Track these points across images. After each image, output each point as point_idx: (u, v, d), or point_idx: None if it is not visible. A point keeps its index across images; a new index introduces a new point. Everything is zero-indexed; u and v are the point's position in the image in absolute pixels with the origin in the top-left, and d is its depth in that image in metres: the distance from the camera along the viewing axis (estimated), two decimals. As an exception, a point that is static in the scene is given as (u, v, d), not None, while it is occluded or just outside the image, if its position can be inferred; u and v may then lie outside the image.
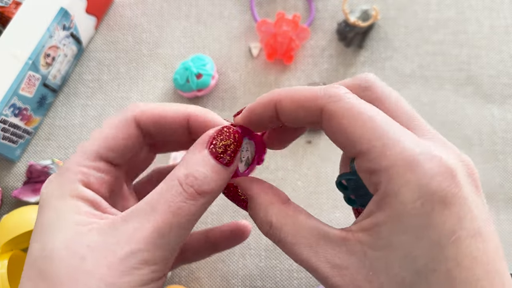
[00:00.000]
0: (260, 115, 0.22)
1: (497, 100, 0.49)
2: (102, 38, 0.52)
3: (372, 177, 0.18)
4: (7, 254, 0.40)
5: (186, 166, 0.20)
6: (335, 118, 0.19)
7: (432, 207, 0.17)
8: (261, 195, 0.22)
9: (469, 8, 0.53)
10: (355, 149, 0.19)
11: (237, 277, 0.43)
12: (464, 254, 0.17)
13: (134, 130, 0.22)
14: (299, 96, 0.21)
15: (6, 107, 0.41)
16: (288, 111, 0.21)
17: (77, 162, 0.21)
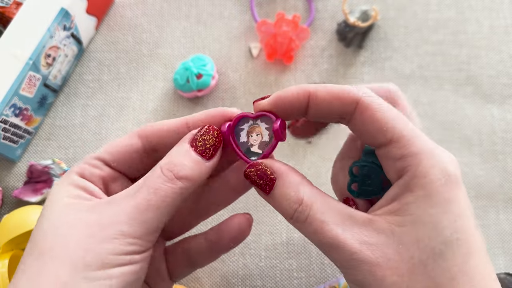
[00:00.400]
0: (289, 104, 0.24)
1: (496, 100, 0.49)
2: (102, 39, 0.52)
3: (400, 162, 0.22)
4: (8, 253, 0.40)
5: (168, 156, 0.23)
6: (369, 110, 0.22)
7: (451, 186, 0.21)
8: (291, 173, 0.23)
9: (469, 8, 0.53)
10: (385, 137, 0.22)
11: (237, 277, 0.43)
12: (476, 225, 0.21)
13: (135, 140, 0.25)
14: (336, 89, 0.23)
15: (6, 107, 0.41)
16: (323, 102, 0.23)
17: (83, 160, 0.25)
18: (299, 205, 0.22)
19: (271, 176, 0.23)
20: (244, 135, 0.25)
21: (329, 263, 0.43)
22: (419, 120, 0.25)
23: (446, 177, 0.21)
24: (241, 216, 0.28)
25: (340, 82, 0.50)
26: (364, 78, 0.50)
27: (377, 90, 0.26)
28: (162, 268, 0.28)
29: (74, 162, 0.47)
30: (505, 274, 0.40)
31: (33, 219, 0.41)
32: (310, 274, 0.43)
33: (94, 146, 0.48)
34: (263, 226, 0.45)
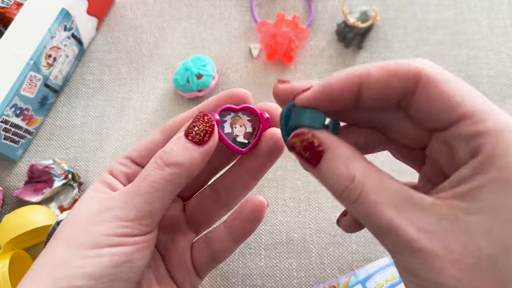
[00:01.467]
0: (338, 94, 0.21)
1: (496, 100, 0.49)
2: (103, 39, 0.52)
3: (473, 141, 0.18)
4: (9, 253, 0.40)
5: (165, 148, 0.24)
6: (435, 83, 0.19)
7: None
8: (341, 146, 0.20)
9: (468, 8, 0.53)
10: (456, 113, 0.19)
11: (237, 276, 0.43)
12: None
13: (158, 135, 0.27)
14: (391, 65, 0.20)
15: (7, 107, 0.41)
16: (379, 83, 0.20)
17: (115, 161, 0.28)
18: (350, 182, 0.19)
19: (318, 149, 0.20)
20: (228, 126, 0.26)
21: (328, 263, 0.43)
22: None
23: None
24: (254, 198, 0.28)
25: (339, 83, 0.50)
26: (364, 78, 0.50)
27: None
28: (187, 261, 0.29)
29: (75, 162, 0.47)
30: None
31: (33, 219, 0.41)
32: (310, 274, 0.43)
33: (95, 146, 0.48)
34: (263, 226, 0.45)
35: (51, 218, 0.42)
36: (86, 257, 0.22)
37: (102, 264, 0.22)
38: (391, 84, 0.20)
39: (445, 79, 0.19)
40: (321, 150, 0.20)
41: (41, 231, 0.43)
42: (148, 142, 0.27)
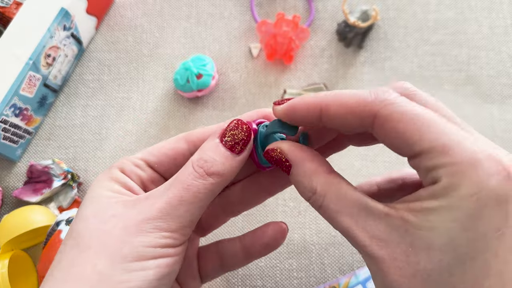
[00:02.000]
0: (302, 115, 0.23)
1: (496, 100, 0.49)
2: (102, 39, 0.52)
3: (431, 173, 0.20)
4: (8, 254, 0.40)
5: (199, 152, 0.24)
6: (390, 122, 0.20)
7: (485, 203, 0.18)
8: (306, 162, 0.23)
9: (468, 8, 0.53)
10: (413, 150, 0.20)
11: (237, 276, 0.43)
12: (504, 248, 0.18)
13: (182, 144, 0.26)
14: (349, 101, 0.21)
15: (6, 107, 0.41)
16: (336, 117, 0.22)
17: (125, 157, 0.26)
18: (313, 194, 0.22)
19: (286, 163, 0.23)
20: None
21: (329, 263, 0.43)
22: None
23: (483, 193, 0.18)
24: (276, 224, 0.28)
25: (340, 82, 0.50)
26: (364, 78, 0.50)
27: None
28: (193, 266, 0.29)
29: (74, 162, 0.47)
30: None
31: (33, 219, 0.41)
32: (310, 274, 0.43)
33: (95, 146, 0.48)
34: (263, 226, 0.45)
35: (51, 218, 0.42)
36: (130, 271, 0.21)
37: (148, 278, 0.21)
38: (348, 120, 0.21)
39: (401, 118, 0.20)
40: (289, 165, 0.23)
41: (40, 231, 0.43)
42: (169, 149, 0.26)
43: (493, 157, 0.19)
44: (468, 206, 0.19)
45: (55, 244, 0.39)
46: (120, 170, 0.25)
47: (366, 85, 0.50)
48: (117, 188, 0.24)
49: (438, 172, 0.19)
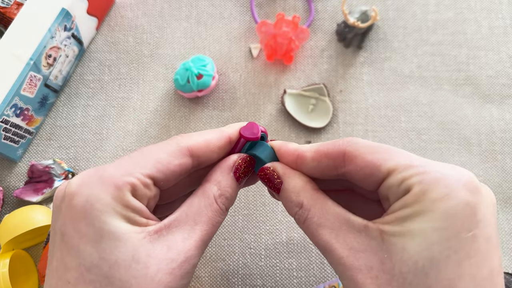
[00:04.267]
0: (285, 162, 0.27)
1: (495, 100, 0.49)
2: (103, 39, 0.52)
3: (402, 186, 0.21)
4: (9, 253, 0.40)
5: (219, 186, 0.25)
6: (358, 155, 0.23)
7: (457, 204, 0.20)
8: (295, 179, 0.25)
9: (468, 9, 0.53)
10: (382, 172, 0.22)
11: (237, 276, 0.43)
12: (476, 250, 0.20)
13: (187, 159, 0.25)
14: (323, 147, 0.25)
15: (7, 107, 0.41)
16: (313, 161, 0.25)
17: (128, 171, 0.23)
18: (299, 209, 0.24)
19: (277, 180, 0.26)
20: None
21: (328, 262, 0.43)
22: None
23: (451, 195, 0.20)
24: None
25: (339, 82, 0.50)
26: (364, 78, 0.50)
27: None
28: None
29: (75, 162, 0.47)
30: (505, 274, 0.40)
31: (34, 219, 0.41)
32: (310, 274, 0.43)
33: (95, 146, 0.48)
34: (263, 226, 0.45)
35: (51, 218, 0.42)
36: None
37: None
38: (323, 163, 0.25)
39: (365, 151, 0.23)
40: (280, 182, 0.25)
41: (41, 231, 0.43)
42: (176, 165, 0.24)
43: (458, 170, 0.21)
44: (440, 207, 0.20)
45: (56, 244, 0.39)
46: (132, 194, 0.22)
47: (366, 85, 0.50)
48: (136, 219, 0.22)
49: (408, 182, 0.21)
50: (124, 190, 0.22)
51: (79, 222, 0.21)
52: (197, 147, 0.25)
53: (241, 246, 0.44)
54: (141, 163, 0.23)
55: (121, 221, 0.22)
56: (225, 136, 0.26)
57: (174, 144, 0.24)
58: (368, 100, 0.50)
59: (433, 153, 0.48)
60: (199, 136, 0.26)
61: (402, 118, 0.49)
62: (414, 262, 0.20)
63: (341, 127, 0.49)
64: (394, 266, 0.20)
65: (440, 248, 0.19)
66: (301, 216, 0.24)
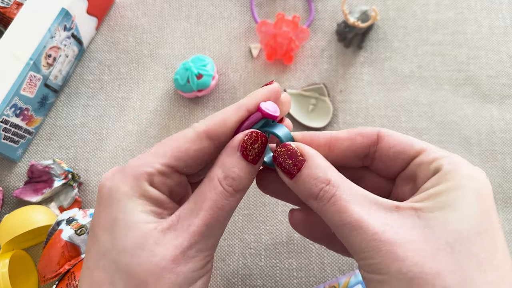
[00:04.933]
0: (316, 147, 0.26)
1: (496, 100, 0.49)
2: (103, 39, 0.52)
3: (433, 165, 0.23)
4: (8, 253, 0.40)
5: (223, 168, 0.24)
6: (391, 135, 0.25)
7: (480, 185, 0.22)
8: (320, 157, 0.24)
9: (468, 8, 0.53)
10: (414, 149, 0.24)
11: (237, 276, 0.43)
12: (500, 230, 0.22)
13: (207, 143, 0.24)
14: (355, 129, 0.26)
15: (7, 107, 0.41)
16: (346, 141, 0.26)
17: (147, 162, 0.24)
18: (326, 185, 0.23)
19: (300, 158, 0.24)
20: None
21: (329, 263, 0.43)
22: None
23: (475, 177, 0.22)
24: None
25: (339, 82, 0.50)
26: (364, 78, 0.50)
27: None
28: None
29: (75, 162, 0.47)
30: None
31: (33, 219, 0.41)
32: (310, 274, 0.43)
33: (95, 146, 0.48)
34: (263, 226, 0.45)
35: (51, 218, 0.42)
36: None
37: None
38: (357, 141, 0.26)
39: (396, 134, 0.26)
40: (303, 159, 0.24)
41: (41, 231, 0.43)
42: (196, 150, 0.24)
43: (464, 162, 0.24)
44: (471, 185, 0.22)
45: (56, 244, 0.39)
46: (149, 183, 0.23)
47: (366, 85, 0.50)
48: (151, 209, 0.23)
49: (440, 161, 0.23)
50: (142, 180, 0.23)
51: (102, 212, 0.23)
52: (213, 129, 0.24)
53: (241, 246, 0.44)
54: (159, 153, 0.24)
55: (136, 210, 0.23)
56: (242, 109, 0.25)
57: (191, 130, 0.24)
58: (368, 100, 0.49)
59: (433, 153, 0.47)
60: (215, 116, 0.25)
61: (402, 118, 0.49)
62: (460, 232, 0.20)
63: (341, 127, 0.49)
64: (440, 236, 0.20)
65: (480, 221, 0.21)
66: (328, 192, 0.23)
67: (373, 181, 0.28)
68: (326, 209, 0.23)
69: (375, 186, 0.27)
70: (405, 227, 0.21)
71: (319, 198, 0.23)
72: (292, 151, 0.24)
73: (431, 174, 0.23)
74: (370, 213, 0.22)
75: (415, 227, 0.21)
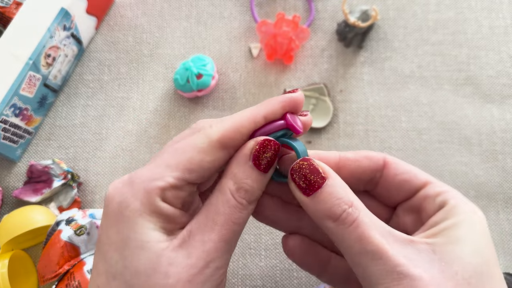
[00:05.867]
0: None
1: (496, 100, 0.49)
2: (102, 39, 0.52)
3: (439, 197, 0.24)
4: (8, 254, 0.40)
5: (235, 179, 0.23)
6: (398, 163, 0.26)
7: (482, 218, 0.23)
8: (339, 177, 0.23)
9: (468, 8, 0.53)
10: (420, 181, 0.25)
11: (237, 276, 0.43)
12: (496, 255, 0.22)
13: (221, 154, 0.23)
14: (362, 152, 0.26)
15: (6, 107, 0.41)
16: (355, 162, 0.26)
17: (158, 175, 0.22)
18: (349, 207, 0.22)
19: (322, 175, 0.22)
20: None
21: (329, 263, 0.43)
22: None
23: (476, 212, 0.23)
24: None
25: (340, 82, 0.50)
26: (364, 78, 0.50)
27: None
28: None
29: (74, 162, 0.47)
30: (505, 274, 0.40)
31: (33, 219, 0.41)
32: (310, 274, 0.43)
33: (95, 146, 0.48)
34: (263, 226, 0.45)
35: (51, 218, 0.42)
36: None
37: None
38: (364, 163, 0.26)
39: (401, 162, 0.26)
40: (324, 177, 0.22)
41: (40, 231, 0.43)
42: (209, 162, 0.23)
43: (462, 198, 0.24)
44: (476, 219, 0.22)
45: (55, 244, 0.39)
46: (161, 198, 0.22)
47: (366, 85, 0.50)
48: (161, 225, 0.22)
49: (445, 196, 0.23)
50: (154, 195, 0.22)
51: (110, 229, 0.22)
52: (228, 138, 0.23)
53: (241, 247, 0.44)
54: (172, 164, 0.22)
55: (147, 229, 0.21)
56: (259, 117, 0.24)
57: (205, 138, 0.23)
58: (369, 100, 0.49)
59: (434, 153, 0.47)
60: (229, 122, 0.23)
61: (402, 118, 0.49)
62: (475, 265, 0.20)
63: (342, 127, 0.48)
64: (457, 272, 0.20)
65: (490, 255, 0.21)
66: (351, 215, 0.21)
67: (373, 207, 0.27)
68: (346, 234, 0.21)
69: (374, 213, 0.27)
70: (423, 261, 0.20)
71: (341, 220, 0.21)
72: (314, 167, 0.23)
73: (437, 208, 0.23)
74: (389, 243, 0.21)
75: (431, 262, 0.20)
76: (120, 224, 0.22)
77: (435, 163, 0.47)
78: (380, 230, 0.21)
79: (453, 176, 0.47)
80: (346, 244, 0.21)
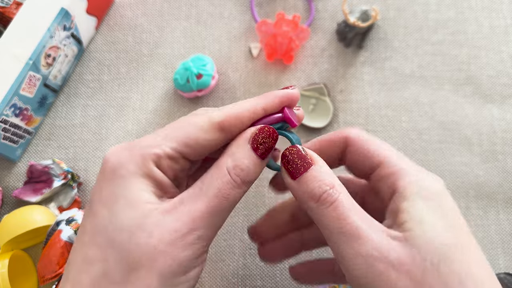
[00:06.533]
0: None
1: (496, 100, 0.49)
2: (102, 39, 0.52)
3: (391, 179, 0.25)
4: (8, 254, 0.40)
5: (233, 158, 0.24)
6: (357, 142, 0.27)
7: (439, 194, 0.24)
8: (325, 164, 0.25)
9: (469, 8, 0.53)
10: (373, 161, 0.26)
11: (237, 277, 0.43)
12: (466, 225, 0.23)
13: (218, 134, 0.24)
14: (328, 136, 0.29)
15: (6, 107, 0.41)
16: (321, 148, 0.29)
17: (156, 143, 0.23)
18: (330, 188, 0.23)
19: (309, 161, 0.24)
20: None
21: (329, 263, 0.43)
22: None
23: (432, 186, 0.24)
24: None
25: (340, 82, 0.50)
26: (364, 78, 0.50)
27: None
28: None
29: (74, 162, 0.47)
30: (505, 274, 0.40)
31: (33, 219, 0.41)
32: (310, 274, 0.43)
33: (94, 146, 0.48)
34: (263, 226, 0.45)
35: (51, 218, 0.42)
36: (178, 284, 0.22)
37: (190, 287, 0.22)
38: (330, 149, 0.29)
39: (364, 140, 0.27)
40: (311, 162, 0.24)
41: (40, 231, 0.43)
42: (206, 140, 0.24)
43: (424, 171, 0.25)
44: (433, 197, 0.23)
45: (55, 244, 0.39)
46: (155, 165, 0.23)
47: (366, 85, 0.50)
48: (153, 190, 0.23)
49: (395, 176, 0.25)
50: (148, 160, 0.23)
51: (103, 187, 0.23)
52: (228, 122, 0.24)
53: (241, 247, 0.44)
54: (170, 136, 0.24)
55: (139, 189, 0.22)
56: (259, 109, 0.25)
57: (206, 119, 0.24)
58: (369, 100, 0.49)
59: (434, 153, 0.47)
60: (232, 109, 0.25)
61: (403, 118, 0.49)
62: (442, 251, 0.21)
63: (342, 127, 0.48)
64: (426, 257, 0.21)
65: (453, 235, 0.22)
66: (331, 196, 0.23)
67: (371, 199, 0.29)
68: (325, 214, 0.23)
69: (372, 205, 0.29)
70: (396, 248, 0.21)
71: (321, 200, 0.23)
72: (302, 153, 0.25)
73: (390, 193, 0.24)
74: (366, 227, 0.22)
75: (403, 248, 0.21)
76: (112, 182, 0.23)
77: (435, 163, 0.47)
78: (359, 215, 0.22)
79: (453, 176, 0.46)
80: (325, 224, 0.23)
